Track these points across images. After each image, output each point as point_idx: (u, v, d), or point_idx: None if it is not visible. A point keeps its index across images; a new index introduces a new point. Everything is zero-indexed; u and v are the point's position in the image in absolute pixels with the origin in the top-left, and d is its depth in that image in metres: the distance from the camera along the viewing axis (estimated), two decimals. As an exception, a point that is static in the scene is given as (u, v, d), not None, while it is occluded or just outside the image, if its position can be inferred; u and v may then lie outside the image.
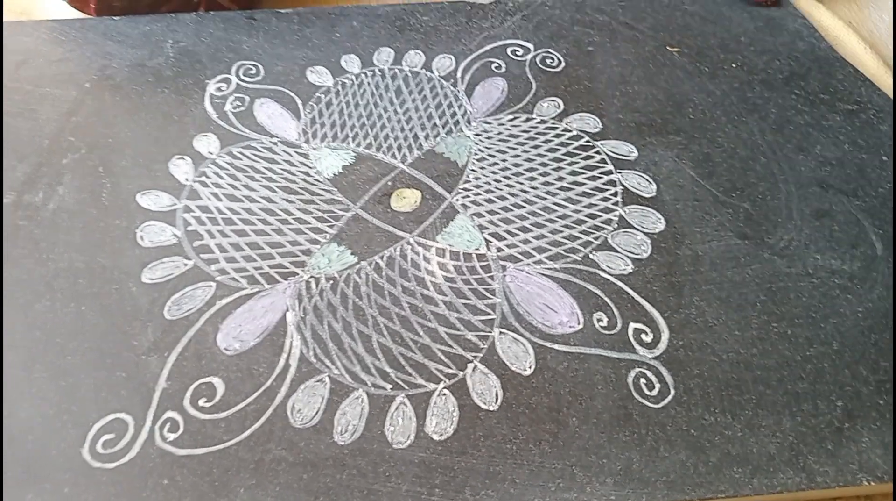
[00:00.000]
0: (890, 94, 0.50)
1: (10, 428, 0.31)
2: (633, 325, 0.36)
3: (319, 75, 0.49)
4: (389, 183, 0.42)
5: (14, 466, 0.30)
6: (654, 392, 0.34)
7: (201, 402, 0.32)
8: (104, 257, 0.38)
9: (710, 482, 0.31)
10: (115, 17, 0.53)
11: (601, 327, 0.36)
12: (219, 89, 0.48)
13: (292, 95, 0.48)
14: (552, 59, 0.51)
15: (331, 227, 0.40)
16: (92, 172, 0.42)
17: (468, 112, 0.47)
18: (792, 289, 0.38)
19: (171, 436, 0.31)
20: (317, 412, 0.32)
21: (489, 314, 0.36)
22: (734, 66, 0.51)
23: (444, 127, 0.46)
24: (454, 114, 0.47)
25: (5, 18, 0.56)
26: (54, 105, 0.46)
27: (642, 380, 0.34)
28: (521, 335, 0.35)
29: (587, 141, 0.45)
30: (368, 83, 0.49)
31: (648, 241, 0.40)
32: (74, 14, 0.55)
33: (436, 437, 0.32)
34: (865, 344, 0.36)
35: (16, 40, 0.50)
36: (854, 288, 0.38)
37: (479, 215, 0.41)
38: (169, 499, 0.29)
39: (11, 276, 0.36)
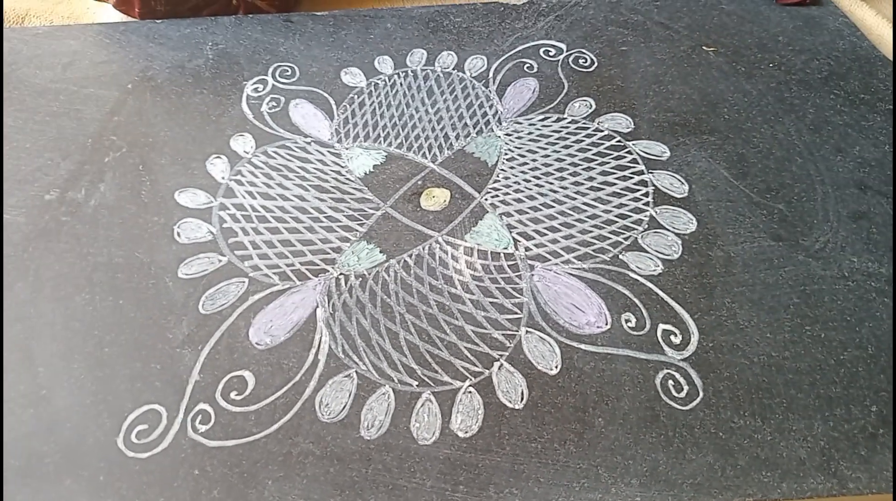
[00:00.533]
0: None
1: (49, 417, 0.32)
2: (661, 326, 0.36)
3: (353, 76, 0.50)
4: (419, 182, 0.43)
5: (53, 453, 0.31)
6: (683, 394, 0.33)
7: (232, 395, 0.33)
8: (142, 253, 0.39)
9: (737, 485, 0.30)
10: (157, 21, 0.54)
11: (629, 327, 0.36)
12: (255, 90, 0.49)
13: (326, 95, 0.49)
14: (585, 59, 0.51)
15: (361, 225, 0.41)
16: (132, 171, 0.43)
17: (499, 112, 0.47)
18: (827, 292, 0.37)
19: (203, 428, 0.32)
20: (344, 407, 0.33)
21: (516, 313, 0.36)
22: (771, 65, 0.51)
23: (474, 127, 0.46)
24: (485, 114, 0.47)
25: (54, 22, 0.58)
26: (98, 105, 0.47)
27: (670, 382, 0.34)
28: (548, 334, 0.35)
29: (619, 141, 0.45)
30: (401, 84, 0.49)
31: (679, 242, 0.39)
32: (119, 18, 0.56)
33: (461, 434, 0.32)
34: (903, 349, 0.35)
35: (63, 43, 0.52)
36: (891, 292, 0.37)
37: (508, 215, 0.41)
38: (199, 489, 0.30)
39: (53, 269, 0.38)
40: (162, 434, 0.32)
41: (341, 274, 0.38)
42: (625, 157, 0.44)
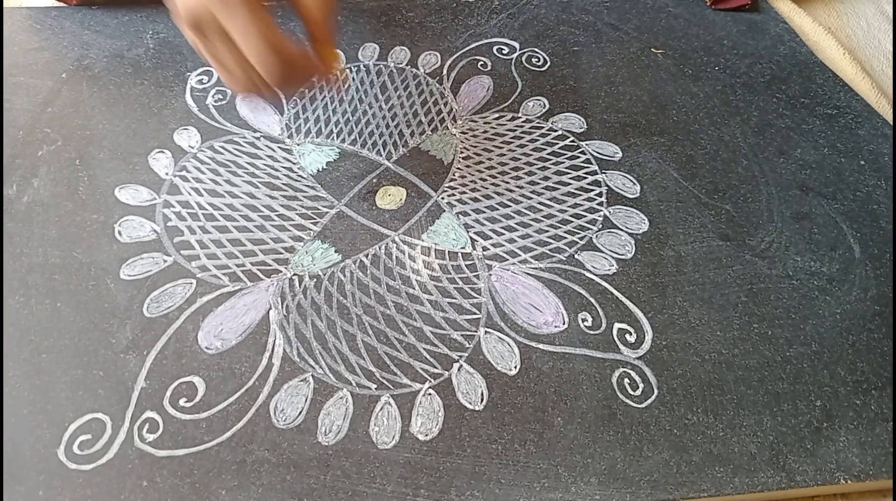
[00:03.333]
0: (867, 98, 0.50)
1: (-17, 428, 0.30)
2: (617, 325, 0.36)
3: (303, 70, 0.49)
4: (374, 180, 0.42)
5: (-13, 467, 0.29)
6: (638, 392, 0.34)
7: (181, 402, 0.32)
8: (81, 253, 0.37)
9: (692, 481, 0.31)
10: (93, 7, 0.52)
11: (586, 327, 0.36)
12: (200, 82, 0.47)
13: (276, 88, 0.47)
14: (538, 58, 0.51)
15: (315, 224, 0.40)
16: (68, 165, 0.41)
17: (454, 110, 0.47)
18: (772, 290, 0.38)
19: (151, 437, 0.31)
20: (300, 413, 0.32)
21: (475, 314, 0.36)
22: (717, 68, 0.52)
23: (429, 124, 0.46)
24: (440, 111, 0.47)
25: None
26: (29, 95, 0.44)
27: (626, 380, 0.34)
28: (507, 334, 0.35)
29: (572, 141, 0.45)
30: (353, 79, 0.48)
31: (632, 241, 0.40)
32: (51, 2, 0.53)
33: (421, 437, 0.32)
34: (843, 345, 0.36)
35: (-12, 28, 0.49)
36: (832, 290, 0.39)
37: (465, 214, 0.41)
38: (148, 501, 0.29)
39: (-16, 271, 0.35)
40: (106, 445, 0.30)
41: (295, 275, 0.37)
42: (578, 157, 0.45)
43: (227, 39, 0.32)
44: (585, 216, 0.41)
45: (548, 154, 0.45)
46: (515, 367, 0.34)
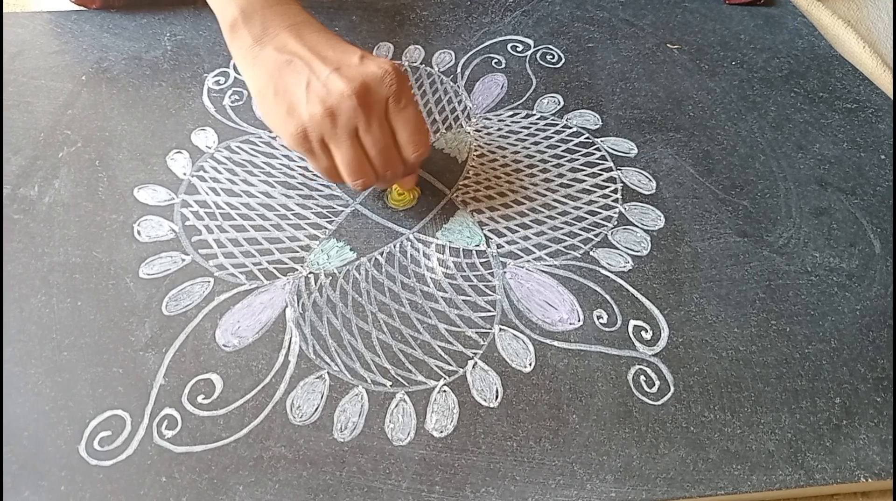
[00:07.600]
0: (888, 92, 0.50)
1: (5, 425, 0.31)
2: (633, 322, 0.36)
3: (318, 70, 0.49)
4: (389, 178, 0.42)
5: (10, 463, 0.30)
6: (654, 389, 0.34)
7: (199, 399, 0.32)
8: (101, 252, 0.37)
9: (709, 479, 0.31)
10: (112, 10, 0.52)
11: (601, 324, 0.36)
12: (217, 83, 0.47)
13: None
14: (552, 55, 0.51)
15: (330, 222, 0.40)
16: (88, 166, 0.41)
17: (468, 108, 0.47)
18: (791, 287, 0.38)
19: (169, 433, 0.31)
20: (316, 409, 0.32)
21: (489, 311, 0.36)
22: (734, 63, 0.51)
23: (443, 122, 0.46)
24: (454, 109, 0.47)
25: None
26: (50, 97, 0.45)
27: (642, 377, 0.34)
28: (522, 332, 0.35)
29: (587, 138, 0.45)
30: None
31: (648, 238, 0.40)
32: (69, 6, 0.54)
33: (436, 434, 0.32)
34: (863, 342, 0.36)
35: (11, 31, 0.50)
36: (852, 286, 0.38)
37: (479, 212, 0.41)
38: (167, 497, 0.29)
39: (6, 270, 0.36)
40: (126, 441, 0.31)
41: (311, 273, 0.37)
42: (593, 153, 0.44)
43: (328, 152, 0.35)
44: (601, 213, 0.41)
45: (562, 151, 0.44)
46: (530, 364, 0.34)
